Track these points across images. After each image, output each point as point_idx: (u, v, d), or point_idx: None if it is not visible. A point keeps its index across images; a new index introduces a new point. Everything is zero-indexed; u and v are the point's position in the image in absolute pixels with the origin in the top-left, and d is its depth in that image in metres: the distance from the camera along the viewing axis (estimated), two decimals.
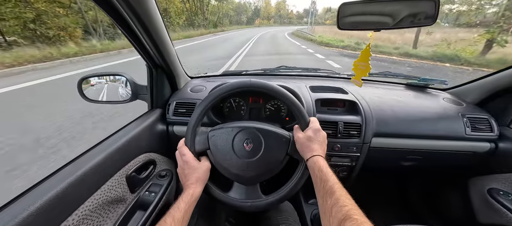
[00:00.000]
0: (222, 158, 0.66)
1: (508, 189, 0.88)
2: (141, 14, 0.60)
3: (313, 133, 0.61)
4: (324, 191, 0.47)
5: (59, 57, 7.00)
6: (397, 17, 0.65)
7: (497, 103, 0.95)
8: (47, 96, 3.82)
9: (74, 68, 5.97)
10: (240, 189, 0.69)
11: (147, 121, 0.88)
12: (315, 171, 0.53)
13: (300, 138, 0.62)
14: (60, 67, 6.30)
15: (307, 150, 0.58)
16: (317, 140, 0.60)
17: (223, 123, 0.72)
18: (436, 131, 0.91)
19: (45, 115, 2.98)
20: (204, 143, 0.68)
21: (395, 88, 1.19)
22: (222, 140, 0.67)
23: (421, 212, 1.32)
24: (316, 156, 0.56)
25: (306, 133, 0.62)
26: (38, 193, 0.48)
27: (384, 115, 0.93)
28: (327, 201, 0.44)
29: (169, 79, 0.97)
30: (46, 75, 5.12)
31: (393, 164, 1.02)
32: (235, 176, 0.66)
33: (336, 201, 0.43)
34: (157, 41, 0.72)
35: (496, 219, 0.86)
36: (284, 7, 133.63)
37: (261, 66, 1.38)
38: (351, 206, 0.41)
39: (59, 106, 3.25)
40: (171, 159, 1.06)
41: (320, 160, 0.55)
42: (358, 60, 0.81)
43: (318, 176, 0.51)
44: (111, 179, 0.67)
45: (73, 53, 7.54)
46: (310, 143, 0.59)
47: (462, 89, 1.08)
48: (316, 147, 0.59)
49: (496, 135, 0.90)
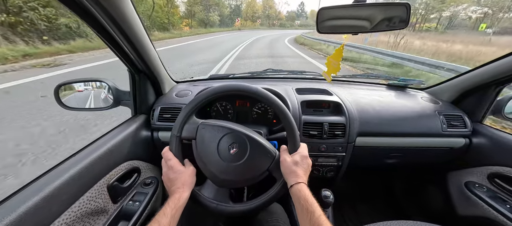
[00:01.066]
0: (204, 153, 0.65)
1: (482, 181, 0.93)
2: (116, 17, 0.57)
3: (301, 159, 0.61)
4: (311, 223, 0.47)
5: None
6: (373, 21, 0.68)
7: (469, 101, 1.01)
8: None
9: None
10: (210, 187, 0.68)
11: (131, 127, 0.85)
12: (300, 199, 0.52)
13: (287, 161, 0.61)
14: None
15: (292, 175, 0.58)
16: (302, 166, 0.60)
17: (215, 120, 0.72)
18: (416, 128, 0.95)
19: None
20: (192, 132, 0.67)
21: (377, 88, 1.23)
22: (210, 136, 0.66)
23: (405, 206, 1.36)
24: (301, 184, 0.56)
25: (293, 157, 0.61)
26: (7, 209, 0.45)
27: (367, 115, 0.96)
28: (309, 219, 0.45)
29: (153, 84, 0.95)
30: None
31: (377, 162, 1.06)
32: (211, 174, 0.66)
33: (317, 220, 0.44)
34: (137, 46, 0.70)
35: (473, 211, 0.90)
36: (273, 6, 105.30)
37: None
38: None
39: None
40: (157, 166, 1.03)
41: (305, 189, 0.55)
42: (332, 57, 0.82)
43: (303, 206, 0.50)
44: (91, 190, 0.65)
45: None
46: (296, 168, 0.59)
47: (438, 88, 1.14)
48: (301, 173, 0.58)
49: (469, 130, 0.96)
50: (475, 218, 0.90)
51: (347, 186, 1.51)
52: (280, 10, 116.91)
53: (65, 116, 2.73)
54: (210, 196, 0.66)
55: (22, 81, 4.22)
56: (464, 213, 0.96)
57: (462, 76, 1.00)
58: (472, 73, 0.95)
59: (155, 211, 0.93)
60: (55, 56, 7.16)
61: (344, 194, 1.30)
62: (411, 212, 1.31)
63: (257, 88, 0.66)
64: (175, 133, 0.66)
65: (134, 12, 0.64)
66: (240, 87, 0.66)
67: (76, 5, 0.51)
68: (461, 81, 1.01)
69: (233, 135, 0.66)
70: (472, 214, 0.91)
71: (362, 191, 1.54)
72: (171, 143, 0.67)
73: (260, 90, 0.65)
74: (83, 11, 0.53)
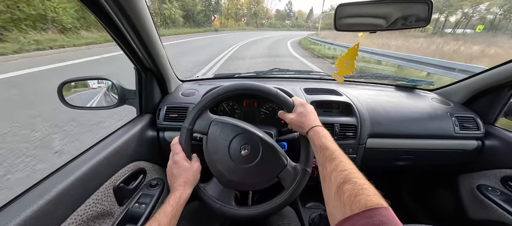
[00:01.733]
0: (214, 150, 0.64)
1: (495, 184, 0.91)
2: (130, 14, 0.56)
3: (303, 108, 0.62)
4: (324, 158, 0.46)
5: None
6: (390, 19, 0.66)
7: (482, 103, 0.99)
8: None
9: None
10: (215, 186, 0.66)
11: (136, 127, 0.83)
12: (315, 140, 0.52)
13: (293, 119, 0.61)
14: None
15: (304, 125, 0.58)
16: (309, 111, 0.61)
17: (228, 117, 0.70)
18: (427, 130, 0.93)
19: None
20: (204, 127, 0.65)
21: (386, 89, 1.21)
22: (222, 133, 0.64)
23: (415, 210, 1.34)
24: (316, 127, 0.56)
25: (296, 111, 0.62)
26: (10, 213, 0.42)
27: (378, 116, 0.94)
28: (326, 167, 0.44)
29: (159, 83, 0.92)
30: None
31: (387, 164, 1.03)
32: (218, 172, 0.64)
33: (335, 166, 0.42)
34: (147, 44, 0.68)
35: (486, 215, 0.89)
36: (260, 2, 78.39)
37: None
38: (350, 169, 0.40)
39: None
40: (163, 167, 1.00)
41: (320, 130, 0.55)
42: (344, 57, 0.80)
43: (318, 145, 0.50)
44: (97, 192, 0.62)
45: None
46: (304, 118, 0.59)
47: (448, 89, 1.12)
48: (313, 117, 0.60)
49: (482, 132, 0.94)
50: (488, 222, 0.88)
51: None
52: (269, 8, 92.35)
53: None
54: (214, 195, 0.64)
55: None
56: (477, 217, 0.94)
57: (474, 78, 0.98)
58: (485, 74, 0.93)
59: None
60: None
61: None
62: (420, 215, 1.29)
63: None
64: (187, 125, 0.64)
65: (147, 9, 0.62)
66: (248, 86, 0.65)
67: (91, 2, 0.50)
68: (473, 83, 0.99)
69: (246, 135, 0.63)
70: (485, 218, 0.89)
71: None
72: (181, 135, 0.65)
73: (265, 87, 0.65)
74: (97, 8, 0.51)
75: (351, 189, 0.35)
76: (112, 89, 0.89)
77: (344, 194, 0.35)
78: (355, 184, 0.36)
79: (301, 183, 0.62)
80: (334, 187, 0.38)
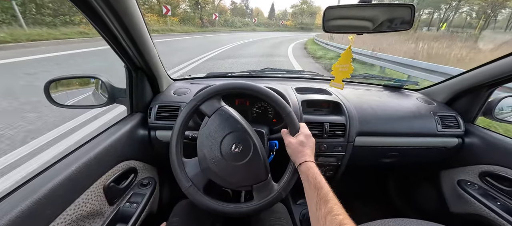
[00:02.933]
0: (208, 134, 0.65)
1: (474, 179, 0.97)
2: (120, 11, 0.55)
3: (305, 138, 0.62)
4: (318, 198, 0.47)
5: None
6: (376, 22, 0.69)
7: (462, 102, 1.04)
8: None
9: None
10: (194, 167, 0.66)
11: (127, 126, 0.82)
12: (309, 176, 0.53)
13: (292, 143, 0.61)
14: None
15: (300, 155, 0.59)
16: (309, 145, 0.61)
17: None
18: (412, 128, 0.98)
19: None
20: (210, 110, 0.67)
21: (374, 89, 1.25)
22: (223, 123, 0.65)
23: (400, 205, 1.40)
24: (309, 162, 0.56)
25: (298, 138, 0.62)
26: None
27: (366, 115, 0.97)
28: (321, 209, 0.44)
29: (150, 81, 0.92)
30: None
31: (375, 161, 1.07)
32: (202, 156, 0.64)
33: (330, 210, 0.43)
34: (137, 42, 0.67)
35: (465, 208, 0.94)
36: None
37: None
38: (344, 216, 0.42)
39: None
40: (154, 166, 1.00)
41: (314, 166, 0.55)
42: (339, 63, 0.83)
43: (312, 182, 0.51)
44: (87, 191, 0.62)
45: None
46: (303, 148, 0.60)
47: (432, 89, 1.17)
48: (309, 152, 0.59)
49: (462, 130, 0.99)
50: (467, 215, 0.93)
51: (343, 186, 1.53)
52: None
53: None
54: (189, 174, 0.64)
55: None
56: (457, 211, 0.99)
57: (456, 78, 1.03)
58: (466, 75, 0.98)
59: (152, 212, 0.90)
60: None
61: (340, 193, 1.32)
62: (406, 210, 1.35)
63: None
64: (196, 101, 0.65)
65: (137, 8, 0.61)
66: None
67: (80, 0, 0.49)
68: (455, 83, 1.04)
69: (243, 136, 0.65)
70: (465, 212, 0.95)
71: (359, 190, 1.56)
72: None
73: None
74: (86, 6, 0.50)
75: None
76: (102, 87, 0.88)
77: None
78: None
79: (270, 203, 0.63)
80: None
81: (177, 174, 0.64)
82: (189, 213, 0.80)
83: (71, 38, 8.50)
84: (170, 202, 0.87)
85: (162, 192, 1.06)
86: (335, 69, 0.81)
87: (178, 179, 0.64)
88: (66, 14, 11.35)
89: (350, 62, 0.75)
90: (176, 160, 0.64)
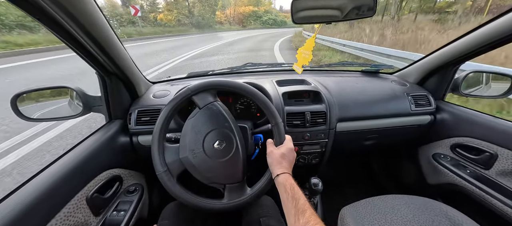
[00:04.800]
0: (193, 125, 0.66)
1: (446, 152, 1.04)
2: (77, 15, 0.52)
3: (287, 152, 0.63)
4: (296, 209, 0.48)
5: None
6: (344, 10, 0.71)
7: (432, 81, 1.11)
8: None
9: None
10: (173, 154, 0.66)
11: (106, 134, 0.80)
12: (286, 188, 0.54)
13: (274, 153, 0.63)
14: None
15: (279, 166, 0.60)
16: (288, 158, 0.62)
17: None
18: (388, 110, 1.03)
19: None
20: (203, 103, 0.67)
21: (351, 75, 1.30)
22: (211, 118, 0.66)
23: (385, 183, 1.48)
24: (286, 173, 0.58)
25: (280, 150, 0.63)
26: None
27: (345, 101, 1.01)
28: (299, 220, 0.46)
29: (127, 86, 0.90)
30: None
31: (357, 145, 1.12)
32: (184, 146, 0.65)
33: (307, 220, 0.45)
34: (104, 46, 0.65)
35: (440, 179, 1.01)
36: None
37: None
38: (321, 225, 0.44)
39: None
40: (140, 172, 0.99)
41: (290, 178, 0.57)
42: (303, 48, 0.85)
43: (290, 193, 0.52)
44: (68, 205, 0.60)
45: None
46: (282, 160, 0.61)
47: (405, 71, 1.23)
48: (287, 165, 0.61)
49: (433, 108, 1.06)
50: (442, 185, 1.01)
51: (332, 173, 1.58)
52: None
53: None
54: (167, 160, 0.65)
55: None
56: (433, 182, 1.07)
57: (425, 59, 1.09)
58: (433, 55, 1.04)
59: (142, 217, 0.89)
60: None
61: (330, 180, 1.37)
62: (390, 187, 1.43)
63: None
64: (192, 90, 0.66)
65: (98, 10, 0.59)
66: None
67: (30, 5, 0.46)
68: (425, 63, 1.10)
69: (228, 135, 0.65)
70: (440, 182, 1.02)
71: (347, 175, 1.63)
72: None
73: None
74: (38, 10, 0.47)
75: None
76: (77, 97, 0.85)
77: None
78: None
79: (239, 205, 0.64)
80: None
81: (154, 157, 0.64)
82: (179, 214, 0.80)
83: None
84: (160, 206, 0.86)
85: (152, 197, 1.05)
86: (299, 53, 0.83)
87: (155, 163, 0.63)
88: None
89: (311, 50, 0.77)
90: (157, 143, 0.64)
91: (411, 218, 0.68)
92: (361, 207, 0.75)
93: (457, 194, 0.93)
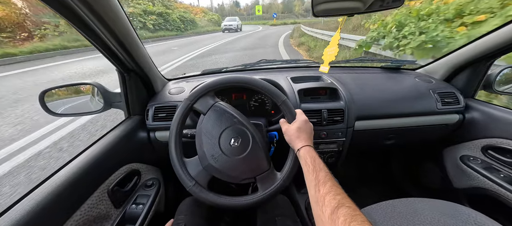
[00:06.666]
0: (205, 131, 0.66)
1: (476, 154, 0.96)
2: (103, 15, 0.54)
3: (302, 124, 0.62)
4: (317, 180, 0.47)
5: None
6: (367, 1, 0.67)
7: (461, 77, 1.03)
8: None
9: None
10: (196, 165, 0.66)
11: (125, 130, 0.83)
12: (307, 160, 0.53)
13: (290, 129, 0.62)
14: None
15: (297, 141, 0.59)
16: (306, 131, 0.62)
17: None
18: (412, 108, 0.97)
19: None
20: (205, 107, 0.67)
21: (371, 71, 1.24)
22: (219, 119, 0.66)
23: (405, 186, 1.40)
24: (307, 146, 0.57)
25: (295, 125, 0.62)
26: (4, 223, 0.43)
27: (364, 98, 0.96)
28: (320, 190, 0.45)
29: (145, 83, 0.91)
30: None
31: (376, 144, 1.07)
32: (202, 153, 0.65)
33: (329, 190, 0.43)
34: (125, 43, 0.67)
35: (469, 183, 0.94)
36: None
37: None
38: (343, 195, 0.42)
39: None
40: (157, 167, 1.01)
41: (312, 151, 0.56)
42: (328, 47, 0.82)
43: (311, 166, 0.51)
44: (91, 197, 0.63)
45: None
46: (300, 134, 0.60)
47: (430, 67, 1.15)
48: (306, 137, 0.60)
49: (462, 106, 0.98)
50: (471, 189, 0.94)
51: (347, 171, 1.53)
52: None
53: None
54: (192, 173, 0.65)
55: None
56: (460, 186, 0.99)
57: (453, 54, 1.01)
58: (462, 49, 0.96)
59: (159, 212, 0.91)
60: None
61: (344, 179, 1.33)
62: (410, 190, 1.35)
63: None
64: (189, 101, 0.66)
65: (120, 8, 0.60)
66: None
67: (60, 4, 0.48)
68: (453, 59, 1.02)
69: (240, 129, 0.65)
70: (468, 186, 0.95)
71: (362, 174, 1.57)
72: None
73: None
74: (67, 10, 0.49)
75: (346, 214, 0.37)
76: (98, 93, 0.88)
77: (339, 219, 0.37)
78: (348, 209, 0.38)
79: (275, 192, 0.63)
80: (328, 210, 0.40)
81: (180, 175, 0.64)
82: (195, 209, 0.81)
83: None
84: (177, 200, 0.88)
85: (168, 191, 1.07)
86: (325, 53, 0.81)
87: (181, 179, 0.64)
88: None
89: (337, 45, 0.74)
90: (177, 160, 0.64)
91: (435, 224, 0.63)
92: (381, 209, 0.71)
93: (488, 200, 0.86)
